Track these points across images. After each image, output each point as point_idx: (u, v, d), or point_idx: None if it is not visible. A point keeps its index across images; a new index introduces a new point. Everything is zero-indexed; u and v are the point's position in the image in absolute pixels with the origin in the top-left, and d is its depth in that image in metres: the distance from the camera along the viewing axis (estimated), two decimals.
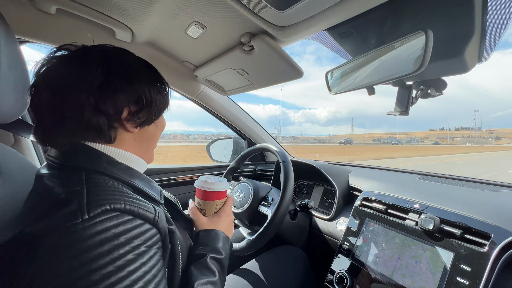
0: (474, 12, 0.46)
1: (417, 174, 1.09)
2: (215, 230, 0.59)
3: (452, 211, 0.70)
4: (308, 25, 0.60)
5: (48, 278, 0.32)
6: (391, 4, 0.49)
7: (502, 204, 0.69)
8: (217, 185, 0.63)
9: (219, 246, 0.56)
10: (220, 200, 0.65)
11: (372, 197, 0.89)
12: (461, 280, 0.59)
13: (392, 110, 0.72)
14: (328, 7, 0.51)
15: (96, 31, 0.82)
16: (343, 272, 0.81)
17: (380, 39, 0.61)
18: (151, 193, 0.47)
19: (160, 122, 0.54)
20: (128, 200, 0.39)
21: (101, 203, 0.36)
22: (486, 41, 0.53)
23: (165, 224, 0.45)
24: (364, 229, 0.85)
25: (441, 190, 0.86)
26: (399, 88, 0.70)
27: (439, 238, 0.67)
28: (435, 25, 0.49)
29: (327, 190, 1.22)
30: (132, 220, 0.38)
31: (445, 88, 0.69)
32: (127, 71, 0.45)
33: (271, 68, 0.80)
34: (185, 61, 1.02)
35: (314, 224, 1.10)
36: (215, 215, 0.64)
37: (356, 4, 0.50)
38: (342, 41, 0.67)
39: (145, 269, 0.37)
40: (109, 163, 0.44)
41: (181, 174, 1.37)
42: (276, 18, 0.59)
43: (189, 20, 0.72)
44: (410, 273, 0.68)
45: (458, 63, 0.57)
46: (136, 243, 0.37)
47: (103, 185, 0.40)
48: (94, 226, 0.34)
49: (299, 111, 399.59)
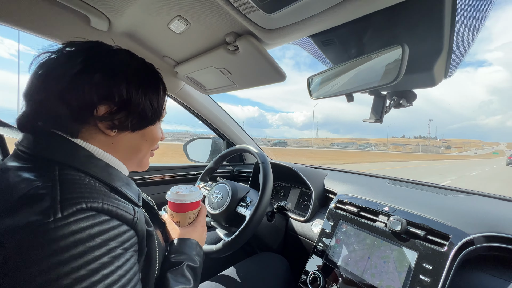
0: (443, 32, 0.51)
1: (386, 179, 1.16)
2: (191, 239, 0.58)
3: (417, 213, 0.75)
4: (294, 30, 0.61)
5: (9, 284, 0.29)
6: (372, 17, 0.52)
7: (460, 208, 0.76)
8: (189, 196, 0.62)
9: (194, 255, 0.55)
10: (194, 211, 0.64)
11: (346, 199, 0.93)
12: (423, 278, 0.63)
13: (367, 118, 0.76)
14: (315, 14, 0.52)
15: (69, 16, 0.76)
16: (317, 273, 0.83)
17: (360, 49, 0.65)
18: (129, 194, 0.44)
19: (148, 133, 0.50)
20: (107, 199, 0.37)
21: (76, 201, 0.33)
22: (452, 59, 0.59)
23: (143, 226, 0.43)
24: (338, 231, 0.88)
25: (407, 194, 0.92)
26: (375, 97, 0.74)
27: (405, 239, 0.72)
28: (409, 40, 0.53)
29: (303, 192, 1.25)
30: (109, 221, 0.36)
31: (415, 99, 0.74)
32: (108, 65, 0.42)
33: (255, 70, 0.81)
34: (165, 56, 0.99)
35: (290, 225, 1.12)
36: (189, 225, 0.63)
37: (341, 14, 0.52)
38: (325, 48, 0.70)
39: (120, 273, 0.35)
40: (86, 159, 0.41)
41: (156, 173, 1.31)
42: (263, 20, 0.59)
43: (172, 14, 0.70)
44: (378, 272, 0.72)
45: (427, 77, 0.62)
46: (112, 245, 0.35)
47: (79, 182, 0.37)
48: (68, 226, 0.31)
49: (277, 114, 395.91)
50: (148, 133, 0.50)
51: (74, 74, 0.39)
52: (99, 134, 0.43)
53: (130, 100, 0.43)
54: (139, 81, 0.45)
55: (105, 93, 0.41)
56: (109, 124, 0.43)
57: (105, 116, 0.42)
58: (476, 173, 16.20)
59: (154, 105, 0.48)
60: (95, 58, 0.42)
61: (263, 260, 0.95)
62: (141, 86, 0.45)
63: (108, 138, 0.45)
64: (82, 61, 0.41)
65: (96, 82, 0.40)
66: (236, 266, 0.88)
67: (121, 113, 0.43)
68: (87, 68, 0.40)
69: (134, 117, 0.45)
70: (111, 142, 0.45)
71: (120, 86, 0.42)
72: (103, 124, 0.42)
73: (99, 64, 0.42)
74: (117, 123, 0.43)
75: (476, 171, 19.03)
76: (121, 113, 0.43)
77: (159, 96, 0.49)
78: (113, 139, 0.45)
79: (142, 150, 0.51)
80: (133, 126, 0.46)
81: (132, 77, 0.44)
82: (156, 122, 0.51)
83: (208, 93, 1.16)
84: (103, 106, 0.41)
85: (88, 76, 0.40)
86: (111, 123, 0.43)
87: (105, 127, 0.43)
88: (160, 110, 0.50)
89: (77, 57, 0.41)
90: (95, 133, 0.43)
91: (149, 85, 0.47)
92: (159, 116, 0.51)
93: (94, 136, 0.43)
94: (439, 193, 0.92)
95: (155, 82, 0.49)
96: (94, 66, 0.41)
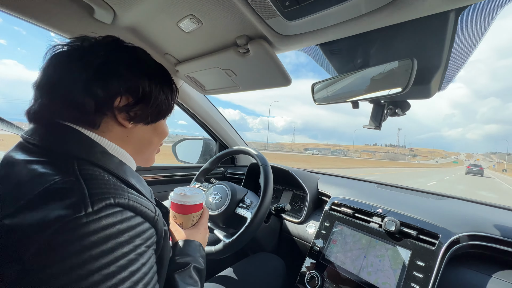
0: (444, 48, 0.56)
1: (375, 183, 1.23)
2: (195, 241, 0.59)
3: (409, 215, 0.81)
4: (307, 38, 0.64)
5: (39, 280, 0.27)
6: (381, 31, 0.56)
7: (446, 210, 0.83)
8: (193, 197, 0.62)
9: (199, 257, 0.56)
10: (197, 213, 0.64)
11: (341, 202, 0.97)
12: (417, 274, 0.69)
13: (366, 124, 0.81)
14: (332, 24, 0.55)
15: (72, 6, 0.72)
16: (314, 272, 0.86)
17: (365, 60, 0.69)
18: (144, 192, 0.44)
19: (159, 127, 0.52)
20: (131, 196, 0.37)
21: (105, 196, 0.33)
22: (447, 74, 0.65)
23: (162, 225, 0.43)
24: (334, 231, 0.92)
25: (396, 197, 0.99)
26: (374, 106, 0.79)
27: (399, 238, 0.77)
28: (413, 54, 0.58)
29: (296, 195, 1.29)
30: (134, 218, 0.36)
31: (409, 109, 0.81)
32: (131, 60, 0.44)
33: (262, 73, 0.82)
34: (167, 54, 0.97)
35: (284, 227, 1.14)
36: (193, 227, 0.63)
37: (354, 27, 0.56)
38: (332, 57, 0.73)
39: (144, 270, 0.35)
40: (102, 155, 0.41)
41: (147, 174, 1.27)
42: (280, 26, 0.61)
43: (185, 13, 0.70)
44: (374, 270, 0.76)
45: (424, 90, 0.68)
46: (138, 242, 0.35)
47: (101, 178, 0.36)
48: (99, 221, 0.31)
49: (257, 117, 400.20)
50: (160, 127, 0.52)
51: (98, 65, 0.40)
52: (116, 126, 0.44)
53: (150, 94, 0.45)
54: (158, 76, 0.48)
55: (130, 86, 0.42)
56: (126, 115, 0.44)
57: (123, 108, 0.43)
58: (434, 183, 15.56)
59: (168, 99, 0.50)
60: (116, 52, 0.44)
61: (260, 260, 0.95)
62: (160, 81, 0.48)
63: (124, 131, 0.45)
64: (105, 54, 0.42)
65: (120, 74, 0.41)
66: (234, 267, 0.88)
67: (138, 106, 0.44)
68: (111, 60, 0.42)
69: (152, 110, 0.47)
70: (126, 134, 0.46)
71: (143, 79, 0.44)
72: (122, 115, 0.43)
73: (121, 58, 0.43)
74: (133, 114, 0.45)
75: (434, 180, 17.77)
76: (138, 106, 0.44)
77: (173, 91, 0.52)
78: (128, 132, 0.46)
79: (153, 143, 0.53)
80: (149, 119, 0.47)
81: (152, 72, 0.47)
82: (167, 116, 0.53)
83: (207, 93, 1.15)
84: (124, 98, 0.42)
85: (113, 67, 0.41)
86: (127, 115, 0.44)
87: (123, 118, 0.44)
88: (172, 105, 0.53)
89: (99, 49, 0.42)
90: (112, 125, 0.44)
91: (164, 81, 0.49)
92: (171, 110, 0.53)
93: (111, 128, 0.44)
94: (424, 197, 1.00)
95: (169, 79, 0.51)
96: (117, 59, 0.42)
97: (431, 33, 0.55)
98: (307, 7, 0.51)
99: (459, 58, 0.61)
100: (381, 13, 0.51)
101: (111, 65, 0.41)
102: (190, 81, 1.08)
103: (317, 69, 20.32)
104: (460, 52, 0.58)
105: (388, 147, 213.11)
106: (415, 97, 0.72)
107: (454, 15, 0.51)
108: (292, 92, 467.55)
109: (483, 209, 0.89)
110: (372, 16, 0.51)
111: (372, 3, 0.49)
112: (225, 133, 1.48)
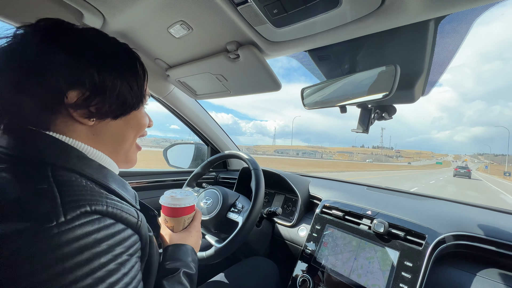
0: (425, 54, 0.59)
1: (364, 186, 1.25)
2: (185, 245, 0.57)
3: (397, 216, 0.83)
4: (295, 44, 0.66)
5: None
6: (367, 38, 0.59)
7: (432, 211, 0.86)
8: (183, 200, 0.61)
9: (190, 261, 0.54)
10: (188, 215, 0.63)
11: (332, 204, 0.99)
12: (405, 274, 0.70)
13: (355, 128, 0.83)
14: (319, 32, 0.57)
15: (61, 11, 0.72)
16: (306, 275, 0.86)
17: (352, 66, 0.72)
18: (127, 197, 0.42)
19: (132, 119, 0.46)
20: (110, 202, 0.35)
21: (80, 203, 0.31)
22: (429, 78, 0.68)
23: (146, 231, 0.42)
24: (325, 234, 0.93)
25: (385, 200, 1.01)
26: (362, 110, 0.81)
27: (388, 239, 0.78)
28: (397, 60, 0.61)
29: (288, 198, 1.29)
30: (114, 225, 0.34)
31: (395, 113, 0.83)
32: (72, 45, 0.37)
33: (252, 78, 0.83)
34: (157, 59, 0.97)
35: (276, 231, 1.14)
36: (184, 231, 0.61)
37: (341, 34, 0.58)
38: (320, 63, 0.75)
39: (126, 281, 0.33)
40: (79, 159, 0.38)
41: (131, 179, 1.24)
42: (269, 33, 0.63)
43: (175, 19, 0.70)
44: (364, 272, 0.77)
45: (408, 94, 0.71)
46: (118, 251, 0.33)
47: (77, 184, 0.34)
48: (72, 230, 0.29)
49: (250, 121, 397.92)
50: (132, 119, 0.46)
51: (31, 57, 0.35)
52: (76, 125, 0.39)
53: (104, 84, 0.39)
54: (112, 62, 0.40)
55: (73, 78, 0.36)
56: (84, 112, 0.38)
57: (78, 104, 0.37)
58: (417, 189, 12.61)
59: (134, 88, 0.43)
60: (54, 37, 0.37)
61: (253, 265, 0.95)
62: (115, 68, 0.40)
63: (88, 129, 0.40)
64: (39, 41, 0.35)
65: (59, 65, 0.35)
66: (226, 272, 0.88)
67: (96, 99, 0.39)
68: (46, 49, 0.35)
69: (112, 103, 0.41)
70: (92, 133, 0.41)
71: (89, 68, 0.37)
72: (78, 112, 0.38)
73: (60, 44, 0.36)
74: (94, 110, 0.39)
75: (417, 186, 14.70)
76: (96, 99, 0.39)
77: (139, 77, 0.44)
78: (94, 130, 0.41)
79: (128, 138, 0.47)
80: (114, 113, 0.42)
81: (103, 58, 0.39)
82: (140, 106, 0.47)
83: (198, 98, 1.15)
84: (74, 92, 0.36)
85: (48, 58, 0.35)
86: (86, 110, 0.38)
87: (80, 116, 0.38)
88: (142, 93, 0.46)
89: (33, 37, 0.36)
90: (71, 124, 0.39)
91: (124, 66, 0.42)
92: (141, 99, 0.46)
93: (72, 128, 0.39)
94: (411, 198, 1.02)
95: (131, 63, 0.44)
96: (54, 46, 0.36)
97: (413, 40, 0.57)
98: (295, 15, 0.52)
99: (441, 64, 0.64)
100: (366, 21, 0.53)
101: (46, 55, 0.35)
102: (181, 86, 1.08)
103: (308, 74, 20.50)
104: (441, 57, 0.61)
105: (375, 149, 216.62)
106: (400, 101, 0.75)
107: (433, 23, 0.54)
108: (284, 96, 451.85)
109: (468, 209, 0.92)
110: (357, 24, 0.53)
111: (357, 12, 0.51)
112: (216, 137, 1.48)
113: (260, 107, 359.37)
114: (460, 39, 0.55)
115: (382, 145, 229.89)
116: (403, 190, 1.17)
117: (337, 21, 0.53)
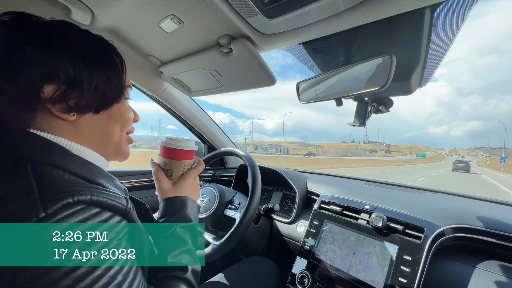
0: (421, 45, 0.58)
1: (362, 181, 1.24)
2: (181, 197, 0.55)
3: (395, 210, 0.82)
4: (289, 36, 0.64)
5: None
6: (362, 29, 0.57)
7: (430, 204, 0.85)
8: (185, 143, 0.57)
9: (187, 212, 0.53)
10: (189, 161, 0.59)
11: (329, 200, 0.98)
12: (404, 268, 0.69)
13: (351, 122, 0.82)
14: (312, 22, 0.56)
15: (46, 7, 0.70)
16: (305, 272, 0.85)
17: (347, 58, 0.70)
18: (116, 192, 0.41)
19: (115, 113, 0.44)
20: (95, 190, 0.34)
21: (60, 196, 0.31)
22: (426, 70, 0.67)
23: (136, 218, 0.42)
24: (323, 230, 0.92)
25: (383, 194, 1.00)
26: (358, 103, 0.80)
27: (386, 234, 0.78)
28: (392, 51, 0.59)
29: (286, 195, 1.28)
30: (100, 213, 0.34)
31: (392, 106, 0.82)
32: (41, 38, 0.36)
33: (247, 73, 0.82)
34: (150, 55, 0.95)
35: (275, 227, 1.13)
36: (180, 178, 0.58)
37: (335, 24, 0.56)
38: (315, 55, 0.74)
39: (119, 267, 0.34)
40: (62, 155, 0.37)
41: (123, 179, 1.21)
42: (261, 25, 0.61)
43: (166, 13, 0.69)
44: (363, 268, 0.77)
45: (405, 86, 0.69)
46: (107, 238, 0.33)
47: (59, 178, 0.34)
48: (57, 224, 0.29)
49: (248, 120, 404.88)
50: (116, 112, 0.44)
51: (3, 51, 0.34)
52: (57, 121, 0.38)
53: (80, 76, 0.37)
54: (86, 53, 0.39)
55: (46, 71, 0.35)
56: (63, 107, 0.37)
57: (55, 98, 0.36)
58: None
59: (113, 80, 0.42)
60: (20, 30, 0.35)
61: (252, 264, 0.94)
62: (90, 59, 0.39)
63: (70, 125, 0.39)
64: (4, 36, 0.34)
65: (28, 59, 0.34)
66: (225, 272, 0.86)
67: (74, 92, 0.37)
68: (13, 43, 0.34)
69: (91, 96, 0.39)
70: (75, 129, 0.40)
71: (62, 61, 0.36)
72: (57, 107, 0.37)
73: (27, 37, 0.35)
74: (73, 104, 0.38)
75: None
76: (74, 92, 0.37)
77: (116, 68, 0.43)
78: (77, 125, 0.40)
79: (114, 132, 0.45)
80: (94, 106, 0.41)
81: (76, 49, 0.38)
82: (122, 99, 0.45)
83: (193, 95, 1.14)
84: (50, 87, 0.35)
85: (16, 52, 0.34)
86: (65, 105, 0.37)
87: (59, 111, 0.37)
88: (121, 85, 0.44)
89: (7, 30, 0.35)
90: (52, 120, 0.38)
91: (100, 57, 0.41)
92: (121, 91, 0.44)
93: (53, 125, 0.38)
94: (409, 192, 1.02)
95: (107, 54, 0.42)
96: (21, 40, 0.34)
97: (409, 30, 0.56)
98: (286, 4, 0.51)
99: (438, 54, 0.63)
100: (359, 10, 0.51)
101: (14, 50, 0.34)
102: (175, 83, 1.06)
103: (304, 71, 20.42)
104: (438, 48, 0.60)
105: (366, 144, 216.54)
106: (397, 93, 0.73)
107: (429, 12, 0.53)
108: (280, 93, 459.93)
109: (466, 202, 0.91)
110: (351, 13, 0.52)
111: (350, 0, 0.50)
112: (213, 135, 1.46)
113: (257, 106, 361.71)
114: (456, 28, 0.54)
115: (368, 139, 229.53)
116: (401, 184, 1.16)
117: (330, 10, 0.52)
